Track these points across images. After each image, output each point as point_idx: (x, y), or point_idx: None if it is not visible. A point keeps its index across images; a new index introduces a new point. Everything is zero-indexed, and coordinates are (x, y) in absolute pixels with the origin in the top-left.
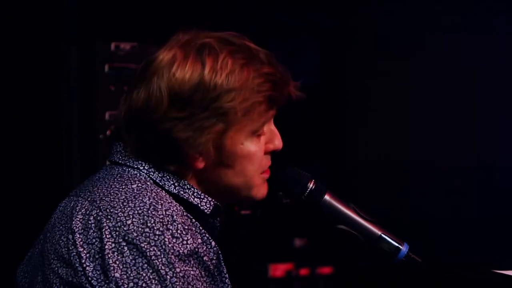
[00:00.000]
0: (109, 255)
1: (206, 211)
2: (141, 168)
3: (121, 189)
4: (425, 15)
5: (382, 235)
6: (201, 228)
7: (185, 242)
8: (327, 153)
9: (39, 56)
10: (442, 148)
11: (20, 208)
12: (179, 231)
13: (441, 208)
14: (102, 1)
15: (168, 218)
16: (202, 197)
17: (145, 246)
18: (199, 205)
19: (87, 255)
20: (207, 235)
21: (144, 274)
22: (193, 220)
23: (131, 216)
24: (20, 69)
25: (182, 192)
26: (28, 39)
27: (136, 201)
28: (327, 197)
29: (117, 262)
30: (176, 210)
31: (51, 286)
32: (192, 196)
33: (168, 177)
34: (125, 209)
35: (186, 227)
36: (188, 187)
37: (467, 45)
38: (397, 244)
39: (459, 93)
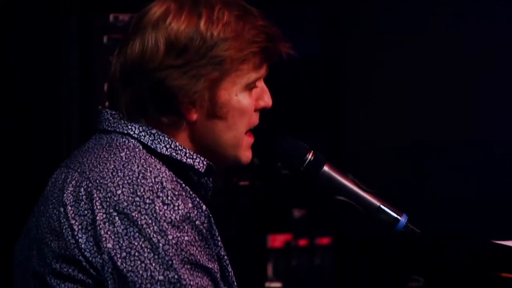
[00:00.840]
0: (101, 226)
1: (200, 169)
2: (132, 132)
3: (109, 159)
4: None
5: (381, 206)
6: (191, 192)
7: (176, 208)
8: (327, 124)
9: (38, 31)
10: (443, 123)
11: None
12: (169, 198)
13: (442, 182)
14: None
15: (157, 186)
16: (194, 157)
17: (136, 215)
18: (192, 164)
19: (79, 227)
20: (197, 199)
21: (136, 243)
22: (183, 185)
23: (120, 186)
24: (17, 52)
25: (174, 154)
26: (27, 13)
27: (125, 170)
28: (326, 168)
29: (109, 233)
30: (165, 176)
31: (44, 259)
32: (185, 157)
33: (159, 139)
34: (115, 179)
35: (177, 193)
36: (180, 148)
37: (470, 16)
38: (396, 215)
39: (462, 67)
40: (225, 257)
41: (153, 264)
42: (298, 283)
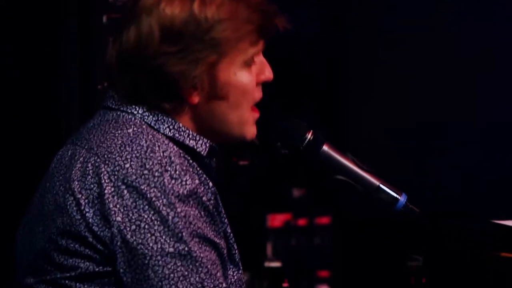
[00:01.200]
0: (109, 200)
1: (202, 152)
2: (135, 112)
3: (117, 134)
4: None
5: (381, 185)
6: (198, 169)
7: (184, 182)
8: (329, 105)
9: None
10: (446, 103)
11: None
12: (177, 172)
13: (441, 163)
14: None
15: (166, 160)
16: (197, 139)
17: (145, 188)
18: (195, 147)
19: (86, 201)
20: (204, 175)
21: (145, 216)
22: (191, 161)
23: (129, 160)
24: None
25: (177, 135)
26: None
27: (133, 144)
28: (325, 147)
29: (118, 206)
30: (173, 151)
31: (50, 236)
32: (188, 139)
33: (162, 120)
34: (123, 153)
35: (184, 168)
36: (183, 129)
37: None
38: (395, 195)
39: (465, 44)
40: (231, 235)
41: (163, 237)
42: (297, 263)
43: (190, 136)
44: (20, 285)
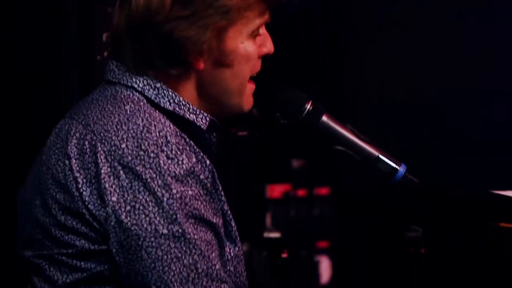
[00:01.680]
0: (105, 180)
1: (202, 126)
2: (136, 86)
3: (114, 112)
4: None
5: (380, 156)
6: (195, 147)
7: (180, 162)
8: (328, 75)
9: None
10: (445, 72)
11: None
12: (173, 152)
13: (442, 133)
14: None
15: (162, 140)
16: (197, 113)
17: (140, 169)
18: (195, 121)
19: (84, 180)
20: (201, 153)
21: (140, 197)
22: (187, 139)
23: (125, 139)
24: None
25: (177, 109)
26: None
27: (130, 123)
28: (324, 118)
29: (114, 186)
30: (170, 131)
31: (50, 211)
32: (188, 112)
33: (163, 93)
34: (119, 132)
35: (181, 147)
36: (184, 103)
37: None
38: (394, 165)
39: (463, 13)
40: (228, 211)
41: (158, 218)
42: (297, 233)
43: (191, 110)
44: (20, 259)
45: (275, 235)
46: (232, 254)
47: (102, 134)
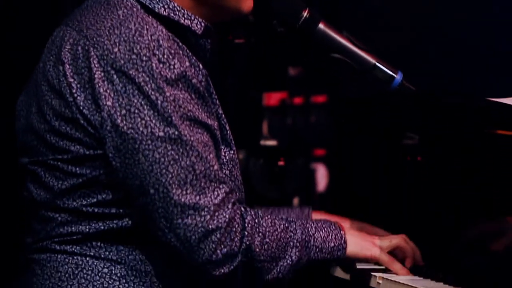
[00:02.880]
0: (99, 84)
1: (197, 31)
2: None
3: (107, 16)
4: None
5: (377, 63)
6: (188, 51)
7: (172, 66)
8: None
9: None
10: None
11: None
12: (165, 56)
13: (439, 41)
14: None
15: (154, 43)
16: (192, 18)
17: (133, 73)
18: (190, 25)
19: (78, 85)
20: (194, 58)
21: (135, 101)
22: (180, 44)
23: (117, 44)
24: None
25: (172, 14)
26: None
27: (122, 27)
28: (321, 25)
29: (108, 91)
30: (162, 35)
31: (44, 117)
32: (183, 18)
33: None
34: (111, 36)
35: (173, 51)
36: (178, 9)
37: None
38: (391, 73)
39: None
40: (223, 115)
41: (153, 121)
42: (293, 141)
43: (186, 15)
44: (19, 166)
45: (272, 143)
46: (227, 158)
47: (94, 39)
